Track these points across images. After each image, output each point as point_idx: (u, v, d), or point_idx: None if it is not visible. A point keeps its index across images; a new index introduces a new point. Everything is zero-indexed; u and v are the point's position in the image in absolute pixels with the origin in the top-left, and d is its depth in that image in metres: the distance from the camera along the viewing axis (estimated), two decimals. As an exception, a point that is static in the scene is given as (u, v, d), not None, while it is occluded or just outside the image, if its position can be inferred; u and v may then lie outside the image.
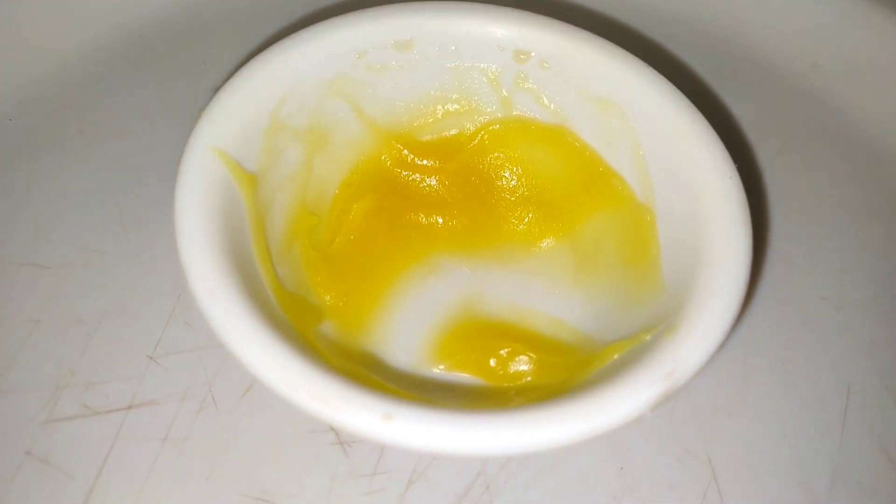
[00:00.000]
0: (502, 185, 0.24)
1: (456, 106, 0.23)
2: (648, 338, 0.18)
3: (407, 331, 0.22)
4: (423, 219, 0.23)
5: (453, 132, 0.24)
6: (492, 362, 0.21)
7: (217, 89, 0.20)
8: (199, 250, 0.17)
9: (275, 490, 0.19)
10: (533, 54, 0.22)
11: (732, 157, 0.20)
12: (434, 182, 0.24)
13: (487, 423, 0.15)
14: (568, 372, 0.19)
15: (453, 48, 0.22)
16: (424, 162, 0.23)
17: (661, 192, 0.21)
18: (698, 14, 0.29)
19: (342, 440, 0.20)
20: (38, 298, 0.22)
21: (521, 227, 0.23)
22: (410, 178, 0.23)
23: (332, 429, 0.20)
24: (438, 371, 0.21)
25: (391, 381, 0.20)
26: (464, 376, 0.21)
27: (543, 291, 0.22)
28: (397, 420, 0.15)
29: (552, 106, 0.23)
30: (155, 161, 0.25)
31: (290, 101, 0.21)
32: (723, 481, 0.20)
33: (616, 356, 0.19)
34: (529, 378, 0.20)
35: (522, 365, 0.21)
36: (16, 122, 0.26)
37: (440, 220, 0.23)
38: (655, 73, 0.21)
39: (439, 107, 0.23)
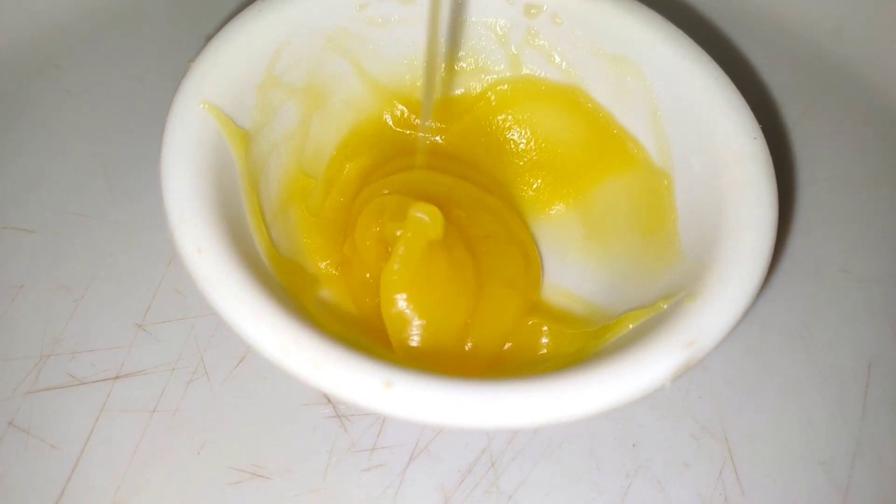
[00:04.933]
0: (510, 148, 0.23)
1: (462, 64, 0.22)
2: (665, 307, 0.17)
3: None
4: (425, 184, 0.22)
5: (458, 92, 0.22)
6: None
7: (209, 39, 0.19)
8: (186, 205, 0.15)
9: (269, 465, 0.19)
10: (545, 8, 0.21)
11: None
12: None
13: (496, 391, 0.14)
14: (581, 342, 0.18)
15: (459, 1, 0.21)
16: (427, 123, 0.22)
17: (680, 156, 0.20)
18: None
19: (340, 413, 0.19)
20: (22, 264, 0.21)
21: (530, 193, 0.22)
22: (412, 140, 0.22)
23: (330, 401, 0.20)
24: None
25: (392, 351, 0.19)
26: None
27: (553, 260, 0.22)
28: (399, 387, 0.14)
29: (564, 64, 0.21)
30: (144, 122, 0.24)
31: (286, 55, 0.20)
32: (739, 459, 0.20)
33: (631, 326, 0.18)
34: (543, 350, 0.19)
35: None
36: (-1, 81, 0.25)
37: (444, 186, 0.22)
38: (675, 28, 0.20)
39: (444, 65, 0.22)
